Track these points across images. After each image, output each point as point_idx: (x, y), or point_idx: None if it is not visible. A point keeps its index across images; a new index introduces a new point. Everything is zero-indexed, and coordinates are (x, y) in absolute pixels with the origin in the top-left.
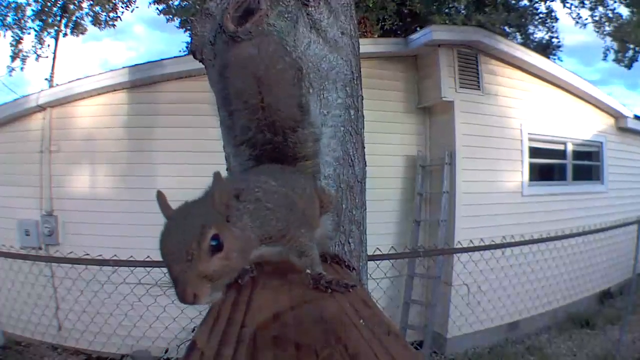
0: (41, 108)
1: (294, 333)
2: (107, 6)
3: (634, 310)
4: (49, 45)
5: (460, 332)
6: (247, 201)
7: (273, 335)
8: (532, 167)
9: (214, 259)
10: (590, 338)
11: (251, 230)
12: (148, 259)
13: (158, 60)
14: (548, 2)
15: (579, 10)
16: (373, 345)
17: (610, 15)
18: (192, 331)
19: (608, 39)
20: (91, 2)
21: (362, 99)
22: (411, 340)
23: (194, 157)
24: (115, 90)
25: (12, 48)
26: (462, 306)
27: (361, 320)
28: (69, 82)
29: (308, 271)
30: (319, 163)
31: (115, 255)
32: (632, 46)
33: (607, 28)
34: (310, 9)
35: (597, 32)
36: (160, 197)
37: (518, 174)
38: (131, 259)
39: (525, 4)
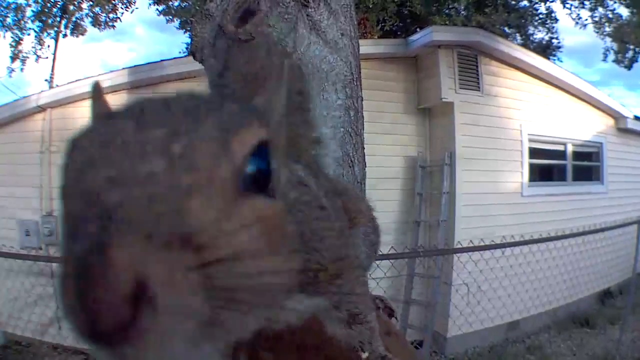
0: (41, 109)
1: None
2: (106, 7)
3: (634, 309)
4: (48, 46)
5: (460, 332)
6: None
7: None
8: (532, 167)
9: (251, 202)
10: (590, 337)
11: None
12: None
13: (158, 62)
14: (548, 2)
15: (579, 11)
16: None
17: (610, 15)
18: None
19: (608, 39)
20: (91, 3)
21: (362, 100)
22: (411, 339)
23: None
24: (115, 92)
25: (12, 49)
26: (462, 306)
27: None
28: (69, 83)
29: (364, 355)
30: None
31: None
32: (632, 47)
33: (607, 29)
34: (310, 10)
35: (597, 32)
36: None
37: (518, 175)
38: None
39: (525, 5)
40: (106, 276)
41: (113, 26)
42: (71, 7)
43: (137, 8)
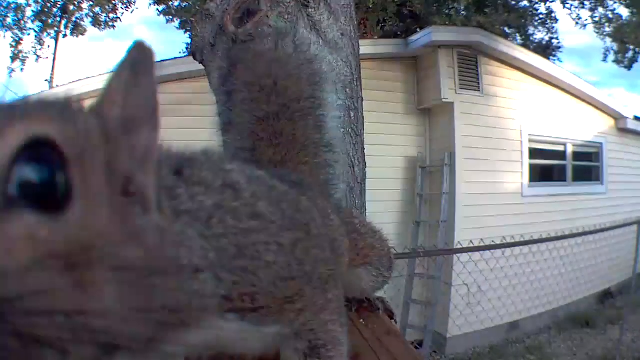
0: None
1: None
2: (106, 7)
3: (634, 310)
4: (49, 46)
5: (460, 332)
6: (197, 183)
7: None
8: (532, 168)
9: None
10: (590, 338)
11: (201, 258)
12: None
13: (158, 62)
14: (548, 3)
15: (579, 11)
16: (373, 344)
17: (610, 16)
18: None
19: (608, 40)
20: (91, 3)
21: (362, 101)
22: (411, 339)
23: None
24: None
25: (12, 49)
26: (462, 306)
27: (361, 320)
28: (69, 83)
29: None
30: (333, 183)
31: None
32: (632, 47)
33: (607, 29)
34: (310, 10)
35: (597, 33)
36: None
37: (518, 175)
38: None
39: (525, 5)
40: None
41: (113, 26)
42: (71, 7)
43: (137, 8)
